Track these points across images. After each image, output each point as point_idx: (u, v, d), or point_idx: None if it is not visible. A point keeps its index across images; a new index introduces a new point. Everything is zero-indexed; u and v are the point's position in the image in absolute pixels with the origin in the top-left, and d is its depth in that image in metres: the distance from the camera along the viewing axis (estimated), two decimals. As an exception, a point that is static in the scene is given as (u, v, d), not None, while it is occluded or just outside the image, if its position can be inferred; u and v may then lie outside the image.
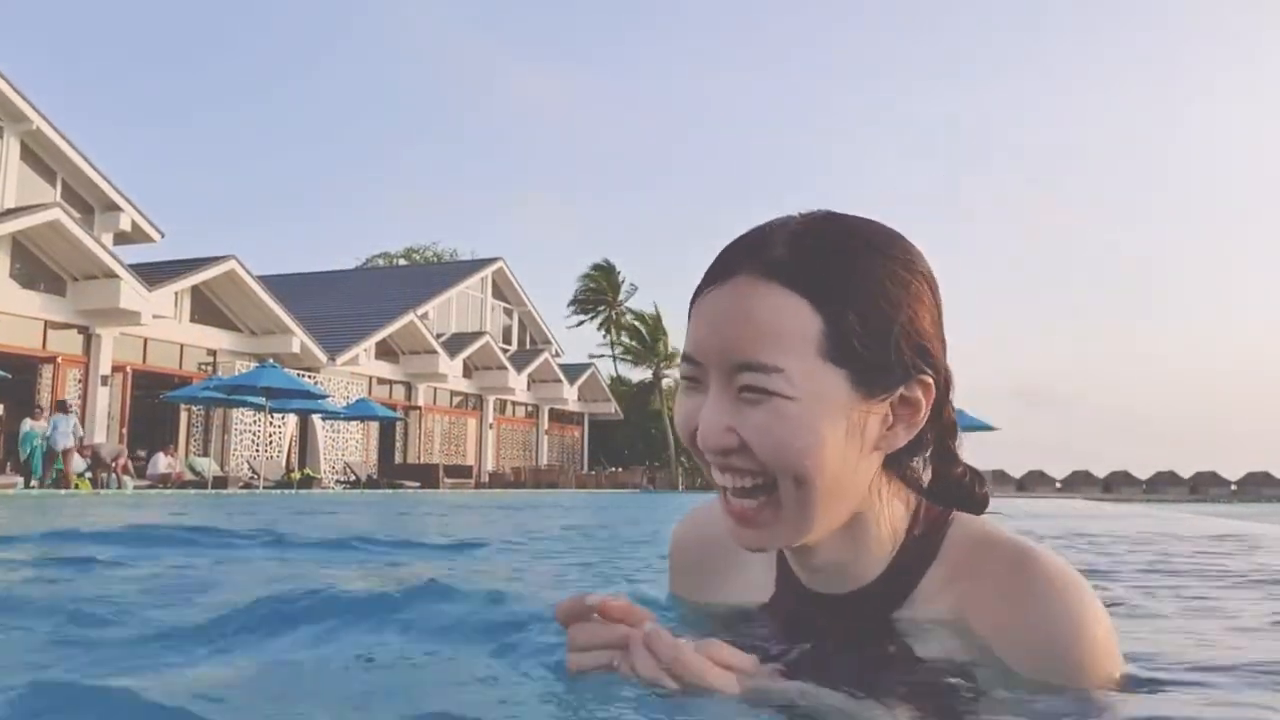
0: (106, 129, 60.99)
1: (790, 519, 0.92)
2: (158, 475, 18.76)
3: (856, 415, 0.90)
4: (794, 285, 0.88)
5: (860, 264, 0.90)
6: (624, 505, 11.93)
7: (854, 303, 0.89)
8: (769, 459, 0.89)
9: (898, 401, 0.92)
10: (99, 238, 19.59)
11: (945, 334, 0.98)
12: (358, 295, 30.91)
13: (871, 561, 0.98)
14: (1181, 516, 9.56)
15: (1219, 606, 2.10)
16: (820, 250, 0.90)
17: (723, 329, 0.89)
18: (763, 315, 0.88)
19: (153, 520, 6.30)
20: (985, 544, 0.95)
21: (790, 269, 0.89)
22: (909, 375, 0.91)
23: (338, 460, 25.18)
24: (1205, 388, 66.36)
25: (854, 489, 0.94)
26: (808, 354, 0.88)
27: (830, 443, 0.89)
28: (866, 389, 0.90)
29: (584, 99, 68.70)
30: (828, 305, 0.88)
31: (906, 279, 0.92)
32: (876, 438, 0.92)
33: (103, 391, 19.61)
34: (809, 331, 0.88)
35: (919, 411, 0.93)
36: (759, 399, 0.88)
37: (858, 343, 0.88)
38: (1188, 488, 41.32)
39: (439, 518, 7.80)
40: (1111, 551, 4.04)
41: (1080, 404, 66.45)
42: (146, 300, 19.19)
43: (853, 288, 0.89)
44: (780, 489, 0.90)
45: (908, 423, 0.93)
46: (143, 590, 2.00)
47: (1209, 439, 70.18)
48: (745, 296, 0.89)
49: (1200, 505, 21.70)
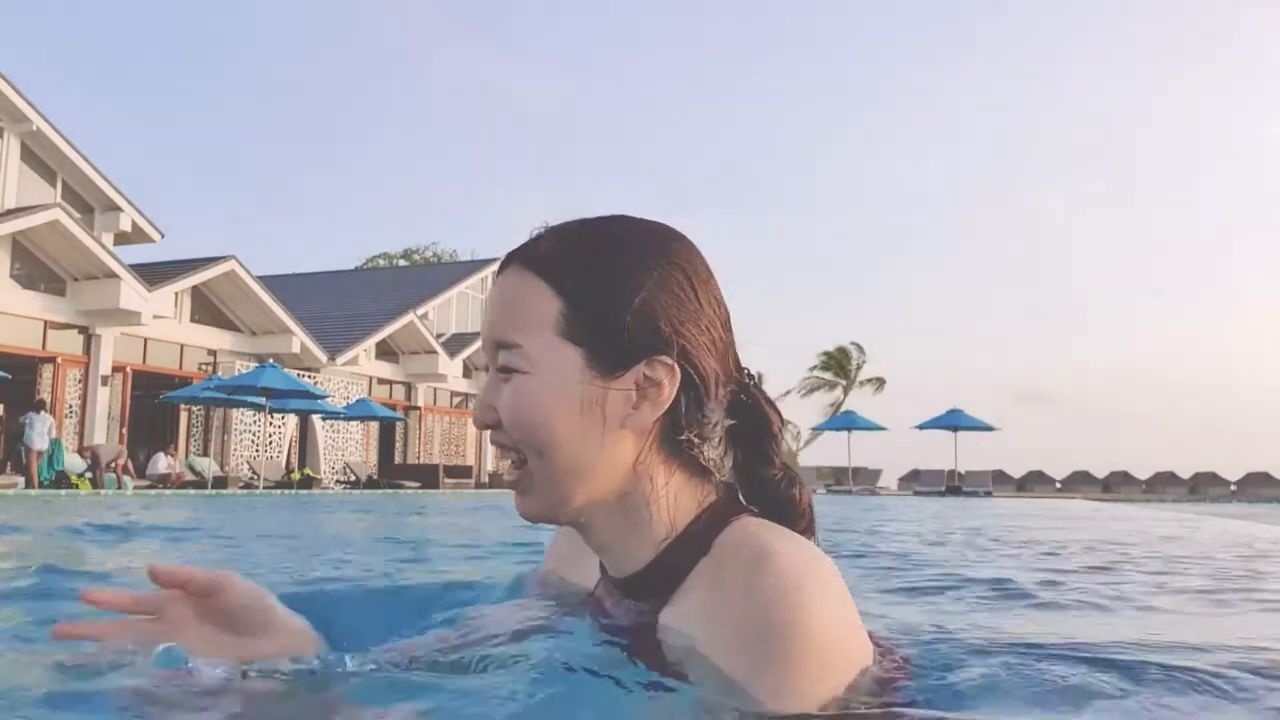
0: (107, 129, 61.08)
1: (541, 490, 0.98)
2: (158, 475, 18.75)
3: (592, 391, 0.95)
4: (541, 272, 0.97)
5: (601, 253, 0.97)
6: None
7: (590, 285, 0.96)
8: (512, 431, 0.96)
9: (642, 381, 0.96)
10: (99, 238, 19.58)
11: (723, 333, 1.01)
12: (358, 295, 30.89)
13: (643, 548, 0.99)
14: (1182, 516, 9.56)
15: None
16: (573, 243, 0.99)
17: (489, 314, 1.00)
18: (511, 298, 0.98)
19: (156, 520, 6.29)
20: (741, 543, 0.92)
21: (542, 259, 0.98)
22: (645, 355, 0.95)
23: (338, 460, 25.16)
24: (1205, 388, 66.43)
25: (605, 466, 0.97)
26: (545, 332, 0.96)
27: (563, 416, 0.95)
28: (601, 366, 0.95)
29: (584, 99, 68.78)
30: (566, 288, 0.96)
31: (654, 267, 0.97)
32: (621, 415, 0.96)
33: (103, 392, 19.60)
34: (548, 311, 0.96)
35: (662, 392, 0.96)
36: (508, 376, 0.97)
37: (591, 322, 0.95)
38: (1187, 488, 41.29)
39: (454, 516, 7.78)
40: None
41: (1080, 404, 66.53)
42: (146, 300, 19.19)
43: (588, 272, 0.96)
44: (529, 460, 0.97)
45: (653, 402, 0.96)
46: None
47: (1209, 439, 70.26)
48: (505, 285, 1.00)
49: (1200, 505, 21.70)
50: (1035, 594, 2.29)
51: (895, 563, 3.43)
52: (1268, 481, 40.16)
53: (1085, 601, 2.19)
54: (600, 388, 0.95)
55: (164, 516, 6.91)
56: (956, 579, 2.66)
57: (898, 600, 2.19)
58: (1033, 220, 67.37)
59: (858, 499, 20.34)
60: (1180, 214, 65.83)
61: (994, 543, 4.83)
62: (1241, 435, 64.51)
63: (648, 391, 0.96)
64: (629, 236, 1.00)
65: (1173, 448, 74.94)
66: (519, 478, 0.99)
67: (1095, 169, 67.06)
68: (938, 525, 7.10)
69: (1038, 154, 67.92)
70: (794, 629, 0.83)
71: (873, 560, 3.55)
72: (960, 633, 1.41)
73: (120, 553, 3.60)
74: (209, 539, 4.54)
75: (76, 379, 19.46)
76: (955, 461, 31.22)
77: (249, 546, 4.09)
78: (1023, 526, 7.09)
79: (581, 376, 0.95)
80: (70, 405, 19.33)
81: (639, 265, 0.97)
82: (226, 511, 8.01)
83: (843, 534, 5.50)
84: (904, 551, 4.02)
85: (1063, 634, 1.48)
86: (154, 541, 4.33)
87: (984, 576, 2.72)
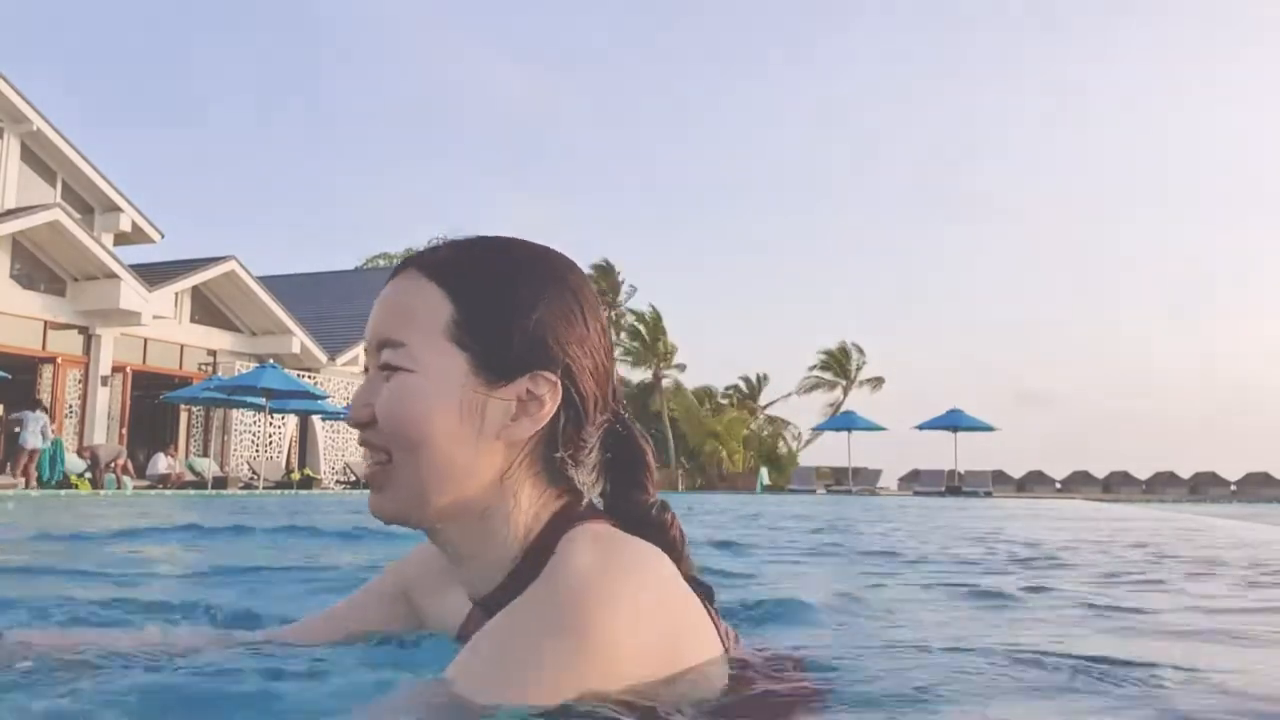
0: (107, 129, 61.09)
1: (402, 488, 0.96)
2: (158, 476, 18.76)
3: (473, 398, 0.95)
4: (436, 277, 0.99)
5: (499, 267, 0.99)
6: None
7: (483, 295, 0.97)
8: (386, 426, 0.96)
9: (524, 395, 0.96)
10: (99, 238, 19.59)
11: (605, 361, 1.02)
12: (358, 295, 30.85)
13: (499, 565, 0.99)
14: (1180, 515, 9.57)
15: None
16: (472, 255, 1.01)
17: (376, 314, 1.01)
18: (403, 299, 0.99)
19: (155, 521, 6.29)
20: (561, 547, 0.91)
21: (438, 265, 1.00)
22: (530, 369, 0.96)
23: (338, 461, 25.17)
24: (1205, 388, 66.45)
25: (474, 475, 0.96)
26: (433, 333, 0.96)
27: (441, 416, 0.95)
28: (486, 374, 0.96)
29: (584, 98, 68.78)
30: (459, 294, 0.97)
31: (545, 287, 0.99)
32: (498, 425, 0.96)
33: (103, 392, 19.60)
34: (438, 314, 0.97)
35: (543, 407, 0.97)
36: (390, 375, 0.97)
37: (481, 329, 0.96)
38: (1187, 488, 41.27)
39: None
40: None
41: (1080, 404, 66.54)
42: (146, 300, 19.19)
43: (485, 283, 0.98)
44: (395, 457, 0.96)
45: (532, 416, 0.97)
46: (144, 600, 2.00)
47: (1209, 439, 70.29)
48: (398, 287, 1.01)
49: (1200, 505, 21.71)
50: (1018, 600, 2.29)
51: (885, 565, 3.43)
52: (1268, 481, 40.15)
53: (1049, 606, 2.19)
54: (482, 395, 0.96)
55: (163, 517, 6.91)
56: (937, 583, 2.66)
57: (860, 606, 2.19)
58: (1033, 220, 67.42)
59: (857, 499, 20.35)
60: (1180, 214, 65.86)
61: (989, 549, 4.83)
62: (1242, 435, 64.54)
63: (528, 406, 0.97)
64: (528, 257, 1.02)
65: (1173, 448, 74.97)
66: (378, 472, 0.98)
67: (1095, 169, 67.09)
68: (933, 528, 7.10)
69: (1038, 154, 67.94)
70: (571, 631, 0.80)
71: (866, 564, 3.55)
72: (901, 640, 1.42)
73: (120, 552, 3.60)
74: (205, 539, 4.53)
75: (76, 379, 19.47)
76: (955, 462, 31.21)
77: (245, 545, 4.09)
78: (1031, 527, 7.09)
79: (465, 381, 0.96)
80: (70, 405, 19.34)
81: (534, 283, 0.99)
82: (226, 512, 8.02)
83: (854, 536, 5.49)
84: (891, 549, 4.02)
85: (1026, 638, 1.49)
86: (151, 541, 4.33)
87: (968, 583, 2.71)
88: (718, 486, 36.62)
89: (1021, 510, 11.82)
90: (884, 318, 63.85)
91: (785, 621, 1.73)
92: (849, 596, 2.19)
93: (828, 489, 32.10)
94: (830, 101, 65.27)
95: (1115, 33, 66.08)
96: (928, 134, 67.65)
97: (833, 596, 2.17)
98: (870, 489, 32.05)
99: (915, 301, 65.33)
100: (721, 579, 2.09)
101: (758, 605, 1.82)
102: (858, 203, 66.30)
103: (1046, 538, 5.30)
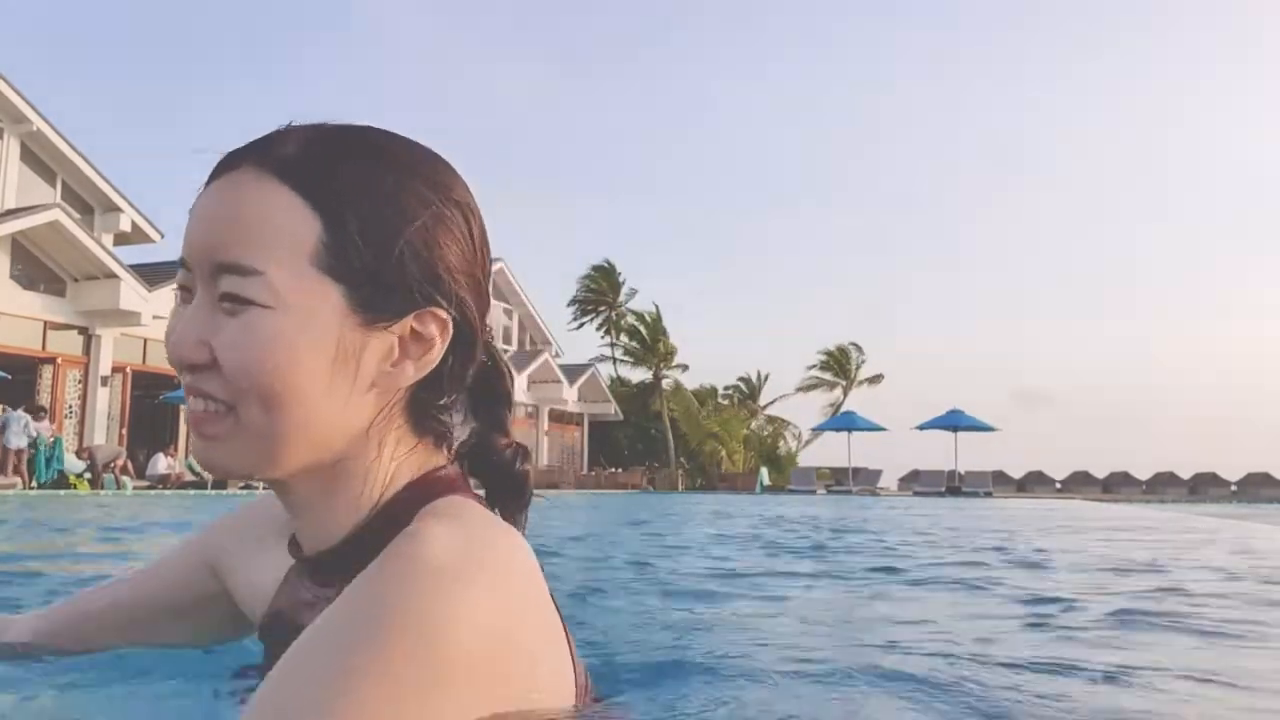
0: (107, 129, 61.11)
1: (249, 444, 0.78)
2: (157, 476, 18.75)
3: (350, 339, 0.78)
4: (295, 183, 0.77)
5: (376, 172, 0.79)
6: (665, 504, 11.92)
7: (360, 209, 0.78)
8: (235, 377, 0.76)
9: (408, 336, 0.80)
10: (99, 238, 19.59)
11: (487, 288, 0.87)
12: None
13: (344, 521, 0.84)
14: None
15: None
16: (334, 152, 0.80)
17: (211, 226, 0.78)
18: (253, 212, 0.77)
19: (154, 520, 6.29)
20: (412, 529, 0.75)
21: (294, 166, 0.78)
22: (419, 305, 0.80)
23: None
24: (1206, 388, 66.44)
25: (340, 427, 0.80)
26: (298, 260, 0.76)
27: (310, 365, 0.76)
28: (365, 311, 0.78)
29: (584, 98, 68.77)
30: (329, 208, 0.77)
31: (432, 201, 0.81)
32: (376, 371, 0.80)
33: (102, 392, 19.60)
34: (303, 234, 0.77)
35: (431, 349, 0.81)
36: (237, 309, 0.76)
37: (358, 255, 0.77)
38: (1187, 488, 41.26)
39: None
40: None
41: (1080, 404, 66.53)
42: (146, 301, 19.19)
43: (361, 193, 0.78)
44: (240, 411, 0.77)
45: (417, 361, 0.81)
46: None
47: (1209, 440, 70.28)
48: (240, 191, 0.78)
49: (1200, 506, 21.70)
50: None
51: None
52: (1268, 482, 40.14)
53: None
54: (360, 336, 0.78)
55: (162, 517, 6.91)
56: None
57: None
58: (1032, 220, 67.37)
59: (874, 499, 20.34)
60: (1181, 214, 65.83)
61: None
62: (1242, 435, 64.51)
63: (413, 348, 0.80)
64: (408, 159, 0.82)
65: (1173, 448, 74.94)
66: (211, 419, 0.78)
67: (1095, 169, 67.06)
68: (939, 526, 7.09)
69: (1037, 154, 67.91)
70: (394, 617, 0.65)
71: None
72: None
73: (118, 553, 3.59)
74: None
75: (76, 379, 19.46)
76: (955, 462, 31.23)
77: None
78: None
79: (341, 321, 0.77)
80: (70, 406, 19.33)
81: (417, 195, 0.80)
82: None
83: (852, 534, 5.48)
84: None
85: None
86: (148, 542, 4.33)
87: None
88: (718, 486, 36.60)
89: (1049, 513, 11.81)
90: (884, 318, 63.87)
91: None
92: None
93: (828, 489, 32.09)
94: (830, 101, 65.29)
95: (1116, 32, 66.06)
96: (928, 135, 67.66)
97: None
98: (870, 489, 32.05)
99: (915, 301, 65.35)
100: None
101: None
102: (858, 202, 66.31)
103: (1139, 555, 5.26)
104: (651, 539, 5.20)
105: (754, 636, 1.68)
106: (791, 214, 66.50)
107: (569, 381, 36.42)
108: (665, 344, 41.07)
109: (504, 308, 37.20)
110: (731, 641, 1.60)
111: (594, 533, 5.57)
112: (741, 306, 65.28)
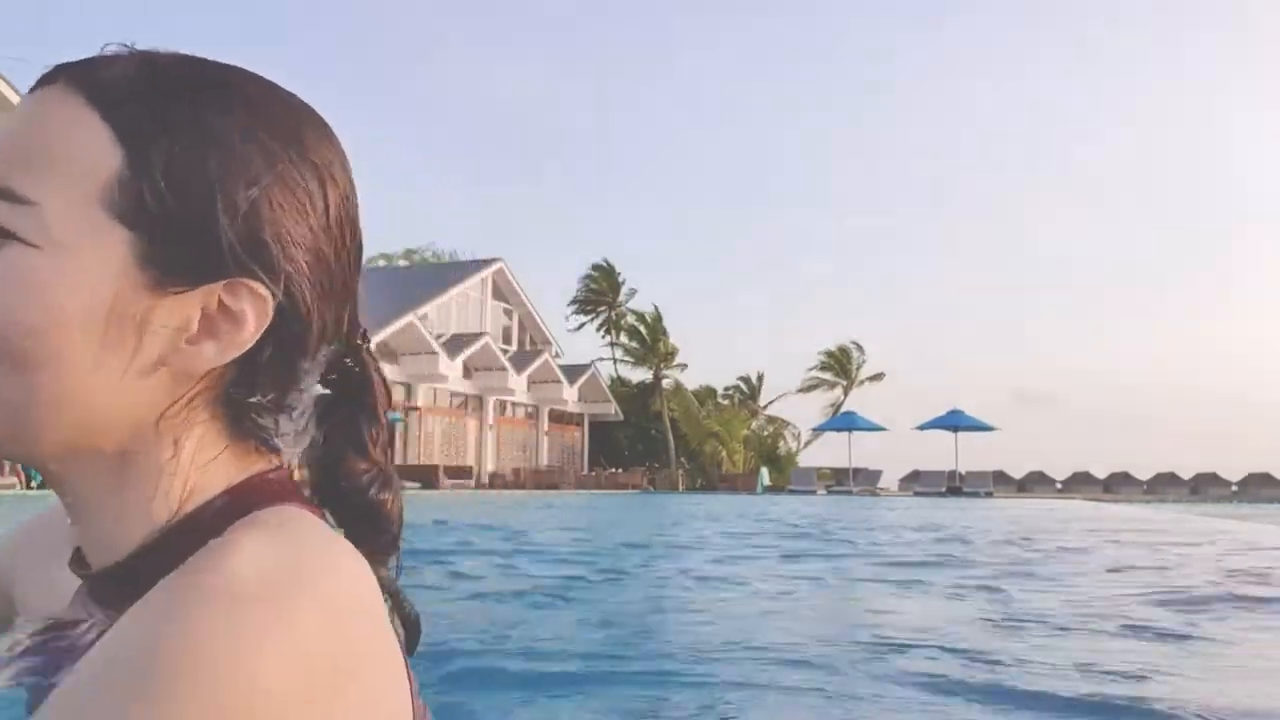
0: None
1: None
2: None
3: (131, 301, 0.62)
4: (106, 109, 0.63)
5: (209, 110, 0.64)
6: (664, 505, 11.91)
7: (171, 147, 0.62)
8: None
9: (214, 310, 0.64)
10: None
11: (349, 274, 0.73)
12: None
13: (132, 531, 0.67)
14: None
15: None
16: (164, 81, 0.65)
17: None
18: (45, 132, 0.63)
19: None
20: (225, 539, 0.61)
21: (109, 89, 0.64)
22: (230, 273, 0.63)
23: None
24: (1206, 388, 66.42)
25: (116, 410, 0.64)
26: (85, 195, 0.62)
27: (76, 324, 0.61)
28: (157, 268, 0.62)
29: (583, 98, 68.77)
30: (136, 141, 0.62)
31: (280, 157, 0.65)
32: (165, 348, 0.63)
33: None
34: (97, 165, 0.62)
35: (241, 330, 0.64)
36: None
37: (158, 198, 0.62)
38: (1188, 489, 41.25)
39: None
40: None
41: (1080, 404, 66.53)
42: None
43: (181, 129, 0.63)
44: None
45: (221, 341, 0.64)
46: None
47: (1210, 440, 70.25)
48: (40, 107, 0.64)
49: (1201, 506, 21.71)
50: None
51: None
52: (1268, 482, 40.15)
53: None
54: (146, 299, 0.62)
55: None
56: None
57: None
58: (1033, 220, 67.40)
59: (857, 499, 20.35)
60: (1181, 214, 65.86)
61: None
62: (1242, 435, 64.54)
63: (218, 325, 0.64)
64: (259, 105, 0.67)
65: (1174, 448, 74.98)
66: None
67: (1094, 169, 67.08)
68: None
69: (1037, 155, 67.96)
70: (177, 653, 0.50)
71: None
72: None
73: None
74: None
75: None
76: (956, 462, 31.24)
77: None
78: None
79: (122, 274, 0.62)
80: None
81: (260, 144, 0.65)
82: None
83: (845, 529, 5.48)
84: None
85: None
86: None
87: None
88: (718, 487, 36.60)
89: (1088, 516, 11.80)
90: (884, 317, 63.89)
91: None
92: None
93: (828, 489, 32.11)
94: (830, 101, 65.32)
95: (1116, 31, 66.11)
96: (928, 136, 67.69)
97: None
98: (871, 489, 32.05)
99: (915, 301, 65.36)
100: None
101: None
102: (858, 202, 66.31)
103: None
104: (651, 539, 5.22)
105: (754, 637, 1.67)
106: (792, 214, 66.52)
107: (569, 381, 36.42)
108: (665, 344, 41.10)
109: (504, 308, 37.22)
110: (732, 641, 1.60)
111: (594, 532, 5.58)
112: (741, 306, 65.33)
